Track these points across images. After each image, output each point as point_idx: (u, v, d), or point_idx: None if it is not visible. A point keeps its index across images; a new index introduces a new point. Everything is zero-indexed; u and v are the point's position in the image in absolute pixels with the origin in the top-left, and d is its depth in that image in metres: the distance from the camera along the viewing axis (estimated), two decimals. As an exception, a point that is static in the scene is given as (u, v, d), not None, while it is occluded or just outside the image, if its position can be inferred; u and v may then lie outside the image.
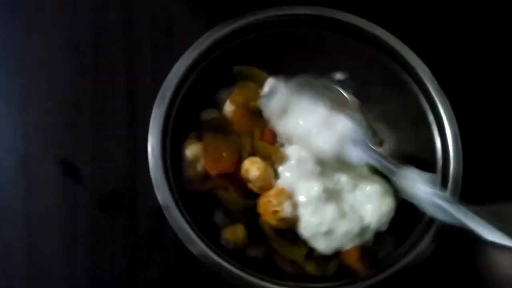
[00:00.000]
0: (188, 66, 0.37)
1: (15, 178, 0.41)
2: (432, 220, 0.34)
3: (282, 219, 0.35)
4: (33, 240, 0.40)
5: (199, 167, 0.37)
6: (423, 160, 0.38)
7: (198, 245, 0.33)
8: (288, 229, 0.36)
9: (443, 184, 0.36)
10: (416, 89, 0.39)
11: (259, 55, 0.41)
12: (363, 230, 0.37)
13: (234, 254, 0.35)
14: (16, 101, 0.43)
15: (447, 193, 0.35)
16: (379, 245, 0.38)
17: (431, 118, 0.38)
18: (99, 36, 0.45)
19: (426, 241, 0.34)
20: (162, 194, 0.34)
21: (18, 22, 0.45)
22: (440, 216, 0.32)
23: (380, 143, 0.42)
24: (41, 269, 0.40)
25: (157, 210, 0.37)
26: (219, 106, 0.40)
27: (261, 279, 0.33)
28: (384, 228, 0.37)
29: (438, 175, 0.36)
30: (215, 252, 0.33)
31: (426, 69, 0.38)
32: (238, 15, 0.39)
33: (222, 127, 0.38)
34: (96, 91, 0.44)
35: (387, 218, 0.37)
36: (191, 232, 0.33)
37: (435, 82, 0.38)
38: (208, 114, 0.40)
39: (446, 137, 0.37)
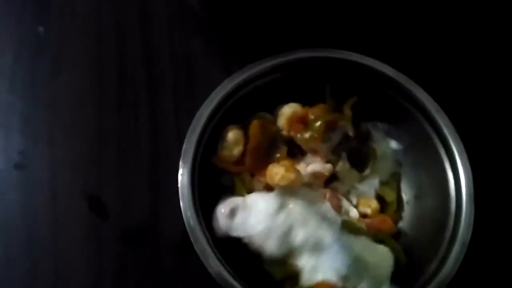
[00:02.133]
0: (222, 98, 0.40)
1: (43, 212, 0.43)
2: None
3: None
4: (60, 273, 0.41)
5: (236, 151, 0.40)
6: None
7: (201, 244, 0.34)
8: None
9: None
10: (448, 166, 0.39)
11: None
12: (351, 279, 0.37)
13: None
14: (44, 138, 0.45)
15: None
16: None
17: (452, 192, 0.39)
18: (123, 73, 0.48)
19: None
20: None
21: (44, 61, 0.48)
22: None
23: (398, 220, 0.42)
24: None
25: (180, 244, 0.40)
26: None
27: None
28: None
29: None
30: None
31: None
32: (254, 54, 0.40)
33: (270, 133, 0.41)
34: (120, 127, 0.46)
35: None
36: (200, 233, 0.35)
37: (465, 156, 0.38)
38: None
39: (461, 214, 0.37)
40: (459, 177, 0.38)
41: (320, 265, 0.37)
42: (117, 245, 0.42)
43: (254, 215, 0.37)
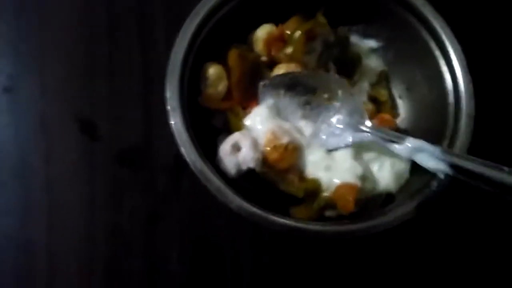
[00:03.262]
0: (201, 20, 0.38)
1: (35, 138, 0.42)
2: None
3: (282, 153, 0.36)
4: (54, 196, 0.41)
5: (221, 87, 0.38)
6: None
7: (215, 184, 0.34)
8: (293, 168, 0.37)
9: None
10: (437, 51, 0.39)
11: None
12: (367, 177, 0.37)
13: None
14: (34, 62, 0.44)
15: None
16: (376, 200, 0.38)
17: (444, 68, 0.38)
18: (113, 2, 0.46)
19: (407, 207, 0.34)
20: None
21: None
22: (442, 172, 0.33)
23: (395, 116, 0.42)
24: (62, 225, 0.40)
25: (174, 165, 0.41)
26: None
27: (281, 217, 0.33)
28: (394, 188, 0.37)
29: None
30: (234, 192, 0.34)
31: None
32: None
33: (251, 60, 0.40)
34: (112, 55, 0.44)
35: (397, 178, 0.37)
36: (209, 173, 0.34)
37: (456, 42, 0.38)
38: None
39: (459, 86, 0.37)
40: (448, 52, 0.38)
41: (334, 170, 0.36)
42: (111, 167, 0.42)
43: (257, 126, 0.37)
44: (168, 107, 0.35)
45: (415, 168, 0.37)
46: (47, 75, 0.44)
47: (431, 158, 0.34)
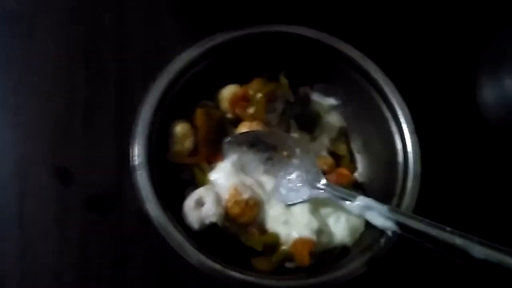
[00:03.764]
0: (170, 80, 0.40)
1: (9, 179, 0.44)
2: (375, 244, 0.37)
3: (243, 208, 0.38)
4: (25, 238, 0.42)
5: (187, 143, 0.41)
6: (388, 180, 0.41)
7: (176, 240, 0.36)
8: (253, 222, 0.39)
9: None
10: (387, 113, 0.42)
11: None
12: (323, 231, 0.39)
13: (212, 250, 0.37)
14: (9, 105, 0.46)
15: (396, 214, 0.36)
16: (332, 253, 0.40)
17: (394, 129, 0.41)
18: (93, 42, 0.49)
19: (358, 262, 0.36)
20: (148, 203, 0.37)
21: (16, 31, 0.48)
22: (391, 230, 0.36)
23: (353, 170, 0.44)
24: (32, 264, 0.42)
25: (143, 213, 0.40)
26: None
27: (238, 272, 0.35)
28: (349, 242, 0.39)
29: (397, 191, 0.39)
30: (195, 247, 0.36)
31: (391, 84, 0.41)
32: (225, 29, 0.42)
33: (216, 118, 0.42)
34: (88, 98, 0.47)
35: (352, 232, 0.39)
36: (172, 228, 0.36)
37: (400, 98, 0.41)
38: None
39: (407, 147, 0.40)
40: (397, 114, 0.41)
41: (293, 224, 0.39)
42: (81, 212, 0.43)
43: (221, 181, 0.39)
44: (135, 164, 0.38)
45: (368, 223, 0.39)
46: (23, 117, 0.46)
47: (379, 216, 0.36)
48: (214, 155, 0.42)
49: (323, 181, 0.39)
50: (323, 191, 0.39)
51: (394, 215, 0.36)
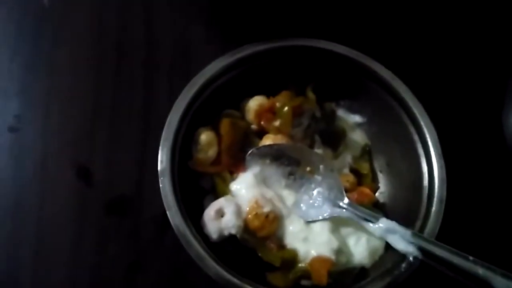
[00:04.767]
0: (198, 89, 0.41)
1: (32, 177, 0.44)
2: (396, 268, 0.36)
3: (263, 221, 0.38)
4: (42, 239, 0.42)
5: (211, 152, 0.41)
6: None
7: (196, 249, 0.36)
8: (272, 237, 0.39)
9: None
10: (415, 135, 0.41)
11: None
12: (343, 251, 0.38)
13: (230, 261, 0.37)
14: (40, 106, 0.47)
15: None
16: (350, 274, 0.39)
17: (420, 151, 0.41)
18: (122, 52, 0.49)
19: (377, 285, 0.36)
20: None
21: (46, 32, 0.49)
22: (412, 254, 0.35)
23: (375, 190, 0.44)
24: (47, 264, 0.42)
25: (161, 218, 0.42)
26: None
27: (250, 284, 0.35)
28: (368, 263, 0.39)
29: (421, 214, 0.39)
30: (213, 259, 0.35)
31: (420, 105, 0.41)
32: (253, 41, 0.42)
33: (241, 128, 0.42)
34: (115, 102, 0.47)
35: (371, 254, 0.39)
36: (191, 237, 0.36)
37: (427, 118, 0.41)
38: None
39: (433, 171, 0.39)
40: (425, 136, 0.40)
41: (312, 241, 0.38)
42: (100, 214, 0.44)
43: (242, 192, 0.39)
44: (159, 170, 0.38)
45: (388, 245, 0.38)
46: (52, 119, 0.46)
47: (401, 240, 0.35)
48: (236, 166, 0.42)
49: (346, 200, 0.39)
50: (345, 210, 0.38)
51: (417, 240, 0.35)
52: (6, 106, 0.47)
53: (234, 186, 0.40)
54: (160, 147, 0.38)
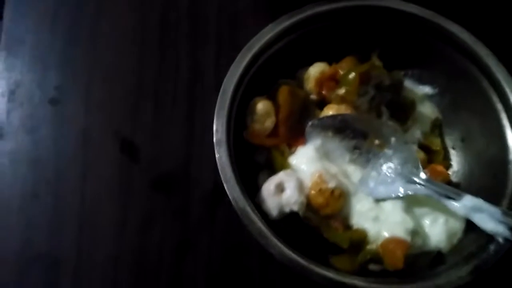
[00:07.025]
0: (254, 54, 0.37)
1: (74, 152, 0.42)
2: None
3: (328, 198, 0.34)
4: (86, 213, 0.40)
5: (268, 123, 0.37)
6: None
7: (257, 226, 0.32)
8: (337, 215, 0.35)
9: None
10: (498, 104, 0.37)
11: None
12: (418, 232, 0.35)
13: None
14: (81, 78, 0.45)
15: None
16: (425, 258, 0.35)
17: (505, 122, 0.36)
18: (166, 24, 0.47)
19: (462, 270, 0.32)
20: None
21: (87, 5, 0.47)
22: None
23: (447, 168, 0.40)
24: (90, 244, 0.40)
25: (209, 195, 0.40)
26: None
27: (326, 269, 0.32)
28: (444, 247, 0.35)
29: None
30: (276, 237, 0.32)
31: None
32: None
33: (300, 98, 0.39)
34: (160, 76, 0.45)
35: (449, 236, 0.35)
36: (252, 213, 0.33)
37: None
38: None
39: None
40: (510, 105, 0.36)
41: (383, 221, 0.35)
42: (146, 190, 0.41)
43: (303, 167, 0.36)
44: (215, 141, 0.34)
45: (469, 228, 0.34)
46: (94, 91, 0.44)
47: (490, 220, 0.32)
48: (295, 138, 0.38)
49: (423, 175, 0.34)
50: (422, 186, 0.34)
51: (509, 219, 0.31)
52: (47, 77, 0.45)
53: (294, 160, 0.37)
54: (215, 116, 0.35)
